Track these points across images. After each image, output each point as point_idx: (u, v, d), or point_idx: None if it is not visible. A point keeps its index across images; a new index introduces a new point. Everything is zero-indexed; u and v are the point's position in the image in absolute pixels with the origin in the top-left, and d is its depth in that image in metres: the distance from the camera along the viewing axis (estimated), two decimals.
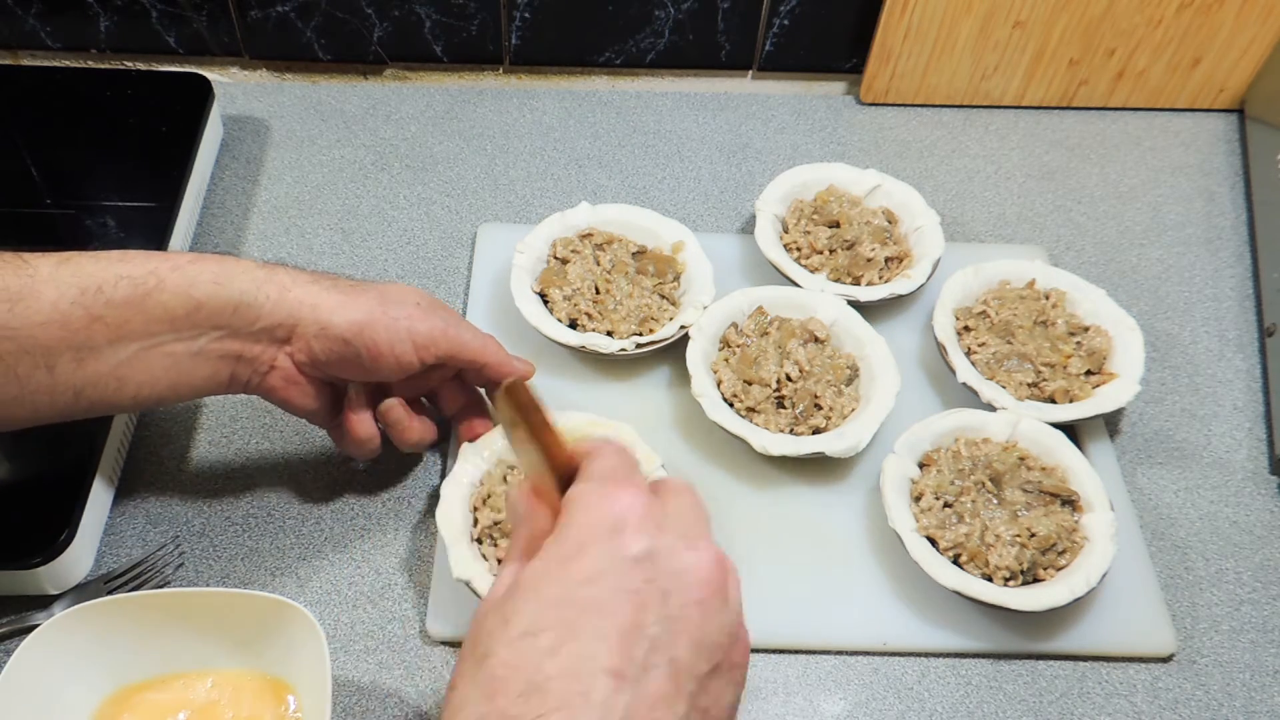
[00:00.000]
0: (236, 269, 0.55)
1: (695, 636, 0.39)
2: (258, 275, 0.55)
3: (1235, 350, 0.79)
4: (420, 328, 0.58)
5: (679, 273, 0.76)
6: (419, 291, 0.61)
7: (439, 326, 0.59)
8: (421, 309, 0.59)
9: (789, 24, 0.90)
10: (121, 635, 0.56)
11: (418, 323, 0.58)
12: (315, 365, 0.58)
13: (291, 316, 0.56)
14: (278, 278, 0.56)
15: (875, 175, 0.81)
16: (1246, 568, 0.68)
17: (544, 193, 0.86)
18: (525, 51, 0.92)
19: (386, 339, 0.57)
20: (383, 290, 0.59)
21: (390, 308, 0.57)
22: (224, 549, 0.66)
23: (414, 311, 0.58)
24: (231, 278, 0.55)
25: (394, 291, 0.59)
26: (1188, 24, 0.87)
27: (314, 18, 0.88)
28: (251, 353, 0.57)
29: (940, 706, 0.62)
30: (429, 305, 0.60)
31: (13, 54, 0.91)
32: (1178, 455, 0.73)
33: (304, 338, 0.57)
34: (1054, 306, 0.74)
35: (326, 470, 0.69)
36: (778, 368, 0.70)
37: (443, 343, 0.59)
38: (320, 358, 0.58)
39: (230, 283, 0.54)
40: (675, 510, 0.42)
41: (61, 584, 0.62)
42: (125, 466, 0.68)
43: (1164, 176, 0.90)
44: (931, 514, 0.65)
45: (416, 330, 0.58)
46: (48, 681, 0.54)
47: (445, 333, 0.59)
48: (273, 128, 0.89)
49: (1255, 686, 0.63)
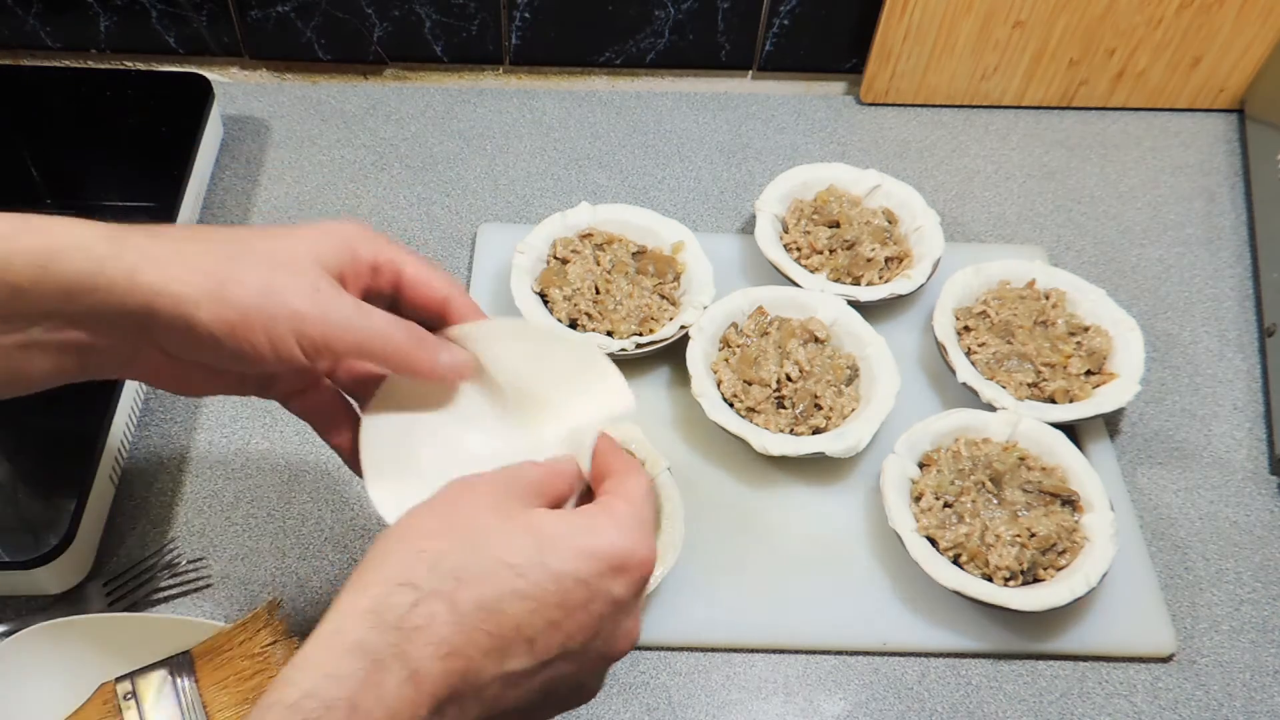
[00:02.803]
0: (71, 242, 0.41)
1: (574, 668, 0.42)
2: (99, 252, 0.41)
3: (1235, 350, 0.79)
4: (311, 330, 0.43)
5: (679, 273, 0.76)
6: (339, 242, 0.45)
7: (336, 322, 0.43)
8: (322, 293, 0.43)
9: (789, 24, 0.90)
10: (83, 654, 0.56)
11: (309, 322, 0.43)
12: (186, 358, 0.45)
13: (144, 307, 0.41)
14: (127, 254, 0.41)
15: (875, 175, 0.81)
16: (1246, 568, 0.68)
17: (544, 193, 0.86)
18: (525, 51, 0.92)
19: (267, 341, 0.42)
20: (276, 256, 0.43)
21: (274, 297, 0.42)
22: (224, 549, 0.66)
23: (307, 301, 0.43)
24: (62, 255, 0.40)
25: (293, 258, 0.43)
26: (1188, 24, 0.87)
27: (314, 18, 0.88)
28: (101, 344, 0.43)
29: (940, 706, 0.62)
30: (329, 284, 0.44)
31: (13, 54, 0.91)
32: (1178, 455, 0.73)
33: (164, 330, 0.42)
34: (1054, 306, 0.74)
35: (326, 470, 0.69)
36: (778, 368, 0.70)
37: (340, 344, 0.44)
38: (186, 355, 0.44)
39: (60, 262, 0.40)
40: None
41: (61, 584, 0.62)
42: (125, 466, 0.68)
43: (1164, 176, 0.90)
44: (931, 514, 0.65)
45: (306, 333, 0.43)
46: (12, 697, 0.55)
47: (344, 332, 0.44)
48: (273, 128, 0.89)
49: (1255, 686, 0.63)
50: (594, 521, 0.42)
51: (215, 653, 0.56)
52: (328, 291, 0.43)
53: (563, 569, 0.40)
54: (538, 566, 0.39)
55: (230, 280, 0.42)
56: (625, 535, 0.41)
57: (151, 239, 0.42)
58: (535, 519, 0.41)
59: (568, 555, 0.40)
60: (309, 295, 0.43)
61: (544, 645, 0.40)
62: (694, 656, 0.63)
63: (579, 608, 0.40)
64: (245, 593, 0.64)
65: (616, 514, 0.42)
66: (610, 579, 0.41)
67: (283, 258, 0.43)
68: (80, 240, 0.41)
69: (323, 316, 0.43)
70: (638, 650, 0.63)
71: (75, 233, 0.41)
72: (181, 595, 0.64)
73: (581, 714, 0.60)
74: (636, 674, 0.62)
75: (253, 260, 0.42)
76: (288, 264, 0.43)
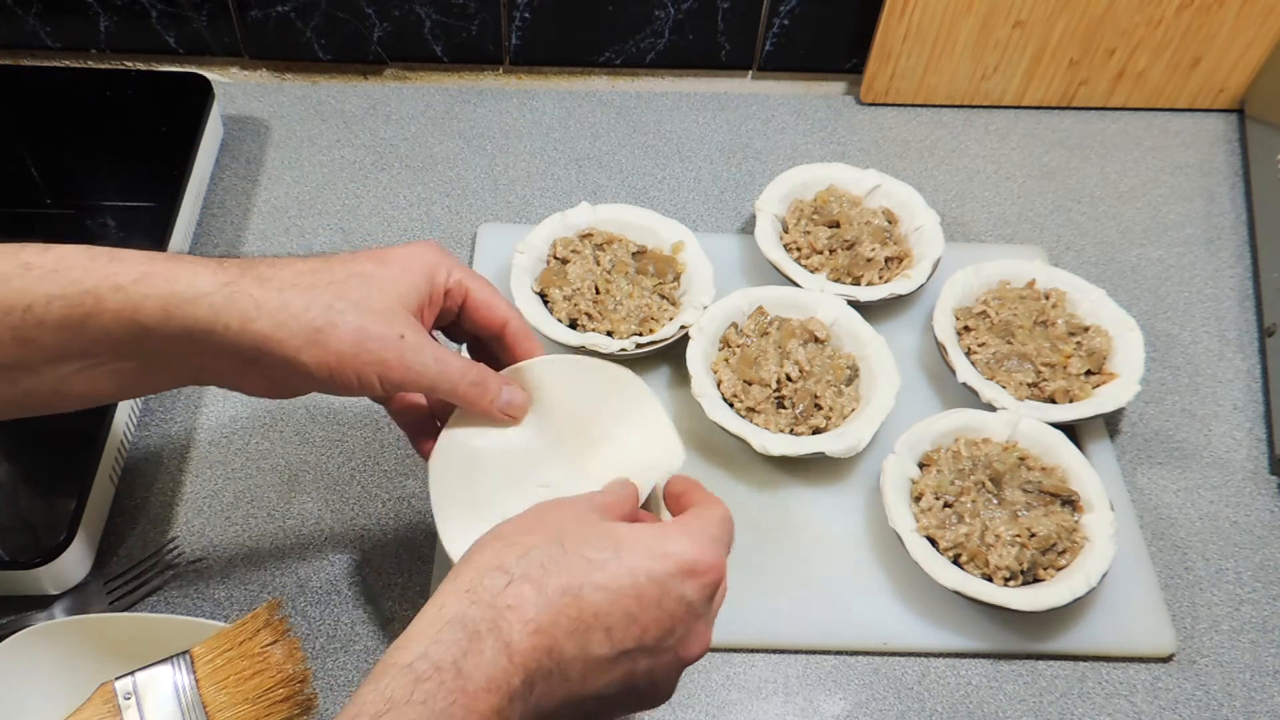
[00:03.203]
0: (193, 293, 0.47)
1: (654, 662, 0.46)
2: (215, 301, 0.47)
3: (1235, 350, 0.79)
4: (393, 375, 0.50)
5: (679, 273, 0.76)
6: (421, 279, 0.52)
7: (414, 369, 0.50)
8: (405, 342, 0.50)
9: (789, 24, 0.90)
10: (83, 654, 0.56)
11: (392, 369, 0.50)
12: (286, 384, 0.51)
13: (254, 349, 0.48)
14: (239, 302, 0.47)
15: (875, 175, 0.81)
16: (1246, 568, 0.68)
17: (544, 193, 0.86)
18: (525, 51, 0.92)
19: (357, 381, 0.50)
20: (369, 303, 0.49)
21: (365, 347, 0.49)
22: (224, 549, 0.66)
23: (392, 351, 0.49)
24: (185, 305, 0.46)
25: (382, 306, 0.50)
26: (1188, 24, 0.87)
27: (314, 18, 0.88)
28: (214, 367, 0.50)
29: (940, 706, 0.62)
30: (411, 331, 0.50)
31: (13, 54, 0.91)
32: (1178, 455, 0.73)
33: (270, 366, 0.49)
34: (1054, 306, 0.74)
35: (326, 470, 0.69)
36: (778, 368, 0.70)
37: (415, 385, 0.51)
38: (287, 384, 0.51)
39: (183, 310, 0.46)
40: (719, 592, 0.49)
41: (61, 584, 0.62)
42: (125, 466, 0.68)
43: (1164, 176, 0.90)
44: (931, 514, 0.65)
45: (389, 376, 0.50)
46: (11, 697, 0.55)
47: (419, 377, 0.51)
48: (273, 128, 0.89)
49: (1255, 686, 0.63)
50: (666, 529, 0.47)
51: (215, 653, 0.55)
52: (410, 340, 0.50)
53: (637, 565, 0.44)
54: (614, 561, 0.44)
55: (329, 330, 0.48)
56: (695, 543, 0.46)
57: (261, 286, 0.48)
58: (613, 526, 0.47)
59: (642, 554, 0.45)
60: (394, 346, 0.49)
61: (620, 635, 0.44)
62: None
63: (653, 604, 0.44)
64: (245, 593, 0.64)
65: (689, 527, 0.47)
66: (681, 580, 0.45)
67: (373, 305, 0.49)
68: (201, 289, 0.47)
69: (403, 364, 0.50)
70: None
71: (197, 283, 0.47)
72: (181, 595, 0.64)
73: None
74: None
75: (348, 309, 0.49)
76: (377, 313, 0.49)
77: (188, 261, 0.48)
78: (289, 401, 0.72)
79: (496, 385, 0.54)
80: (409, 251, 0.52)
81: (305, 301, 0.48)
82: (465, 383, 0.52)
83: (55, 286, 0.46)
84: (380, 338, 0.49)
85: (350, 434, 0.71)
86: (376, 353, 0.49)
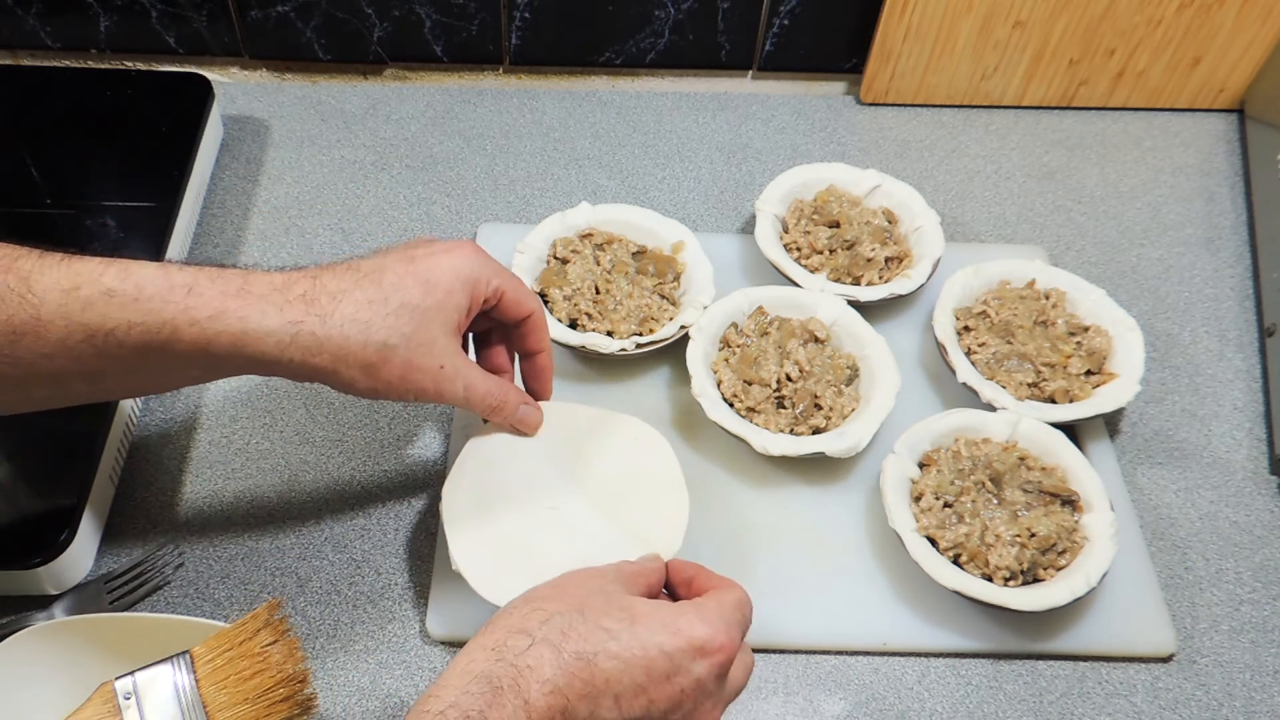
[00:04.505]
0: (261, 331, 0.51)
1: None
2: (282, 340, 0.52)
3: (1235, 350, 0.79)
4: (429, 397, 0.57)
5: (679, 273, 0.76)
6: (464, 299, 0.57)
7: (448, 393, 0.57)
8: (445, 372, 0.56)
9: (789, 24, 0.90)
10: (83, 654, 0.56)
11: (430, 394, 0.56)
12: None
13: (315, 376, 0.54)
14: (302, 341, 0.52)
15: (875, 175, 0.81)
16: (1246, 568, 0.68)
17: (544, 193, 0.86)
18: (525, 51, 0.92)
19: (398, 399, 0.57)
20: (417, 337, 0.55)
21: (410, 378, 0.55)
22: (224, 549, 0.66)
23: (431, 382, 0.56)
24: (253, 342, 0.51)
25: (428, 337, 0.55)
26: (1188, 24, 0.87)
27: (314, 18, 0.88)
28: (279, 374, 0.55)
29: (940, 706, 0.62)
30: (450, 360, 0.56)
31: (13, 54, 0.91)
32: (1178, 455, 0.73)
33: (321, 382, 0.56)
34: (1054, 306, 0.74)
35: (327, 470, 0.69)
36: (778, 368, 0.70)
37: (447, 402, 0.58)
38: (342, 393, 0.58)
39: (252, 347, 0.52)
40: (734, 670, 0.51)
41: (61, 584, 0.62)
42: (125, 467, 0.68)
43: (1164, 176, 0.90)
44: (931, 514, 0.65)
45: (424, 398, 0.57)
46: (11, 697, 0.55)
47: (452, 397, 0.57)
48: (273, 128, 0.89)
49: (1255, 686, 0.63)
50: (684, 608, 0.50)
51: (215, 653, 0.55)
52: (447, 371, 0.56)
53: (649, 639, 0.47)
54: (629, 634, 0.48)
55: (381, 364, 0.54)
56: (708, 623, 0.49)
57: (324, 325, 0.53)
58: (632, 601, 0.50)
59: (656, 628, 0.48)
60: (433, 376, 0.56)
61: (628, 704, 0.47)
62: None
63: (663, 679, 0.47)
64: (245, 593, 0.64)
65: (704, 608, 0.50)
66: (691, 658, 0.48)
67: (421, 339, 0.55)
68: (269, 329, 0.51)
69: (438, 391, 0.56)
70: None
71: (266, 323, 0.51)
72: (181, 595, 0.64)
73: None
74: None
75: (400, 344, 0.54)
76: (424, 346, 0.55)
77: (257, 295, 0.52)
78: (289, 401, 0.72)
79: (515, 403, 0.61)
80: (454, 266, 0.56)
81: (364, 339, 0.53)
82: (487, 405, 0.60)
83: (135, 315, 0.50)
84: (423, 370, 0.55)
85: (350, 434, 0.71)
86: (417, 382, 0.55)
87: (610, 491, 0.61)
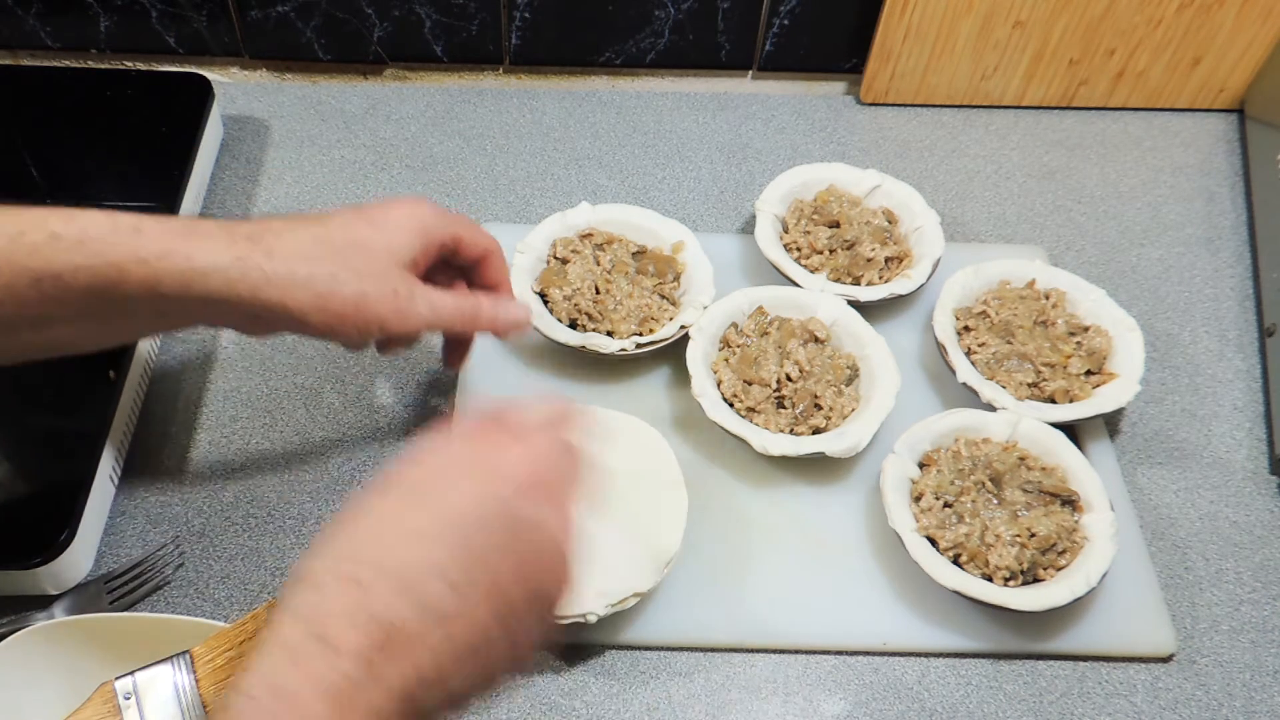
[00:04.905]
0: (209, 266, 0.51)
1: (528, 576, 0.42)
2: (230, 275, 0.52)
3: (1235, 350, 0.79)
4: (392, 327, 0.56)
5: (679, 273, 0.76)
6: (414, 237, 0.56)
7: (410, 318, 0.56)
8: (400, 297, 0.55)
9: (789, 24, 0.90)
10: (82, 654, 0.56)
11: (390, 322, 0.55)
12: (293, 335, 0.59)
13: (265, 312, 0.53)
14: (250, 276, 0.52)
15: (875, 175, 0.81)
16: (1246, 568, 0.68)
17: (544, 193, 0.86)
18: (525, 51, 0.92)
19: (358, 334, 0.56)
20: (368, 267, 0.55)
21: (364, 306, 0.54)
22: (224, 549, 0.66)
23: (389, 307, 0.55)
24: (201, 277, 0.51)
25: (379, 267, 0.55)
26: (1188, 24, 0.87)
27: (314, 18, 0.88)
28: (221, 321, 0.56)
29: (940, 706, 0.62)
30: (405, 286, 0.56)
31: (13, 54, 0.91)
32: (1178, 455, 0.73)
33: (279, 324, 0.55)
34: (1054, 306, 0.74)
35: (326, 470, 0.69)
36: (778, 368, 0.70)
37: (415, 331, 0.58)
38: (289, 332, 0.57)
39: (199, 283, 0.51)
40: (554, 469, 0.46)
41: (61, 584, 0.62)
42: (125, 466, 0.68)
43: (1164, 176, 0.90)
44: (931, 514, 0.65)
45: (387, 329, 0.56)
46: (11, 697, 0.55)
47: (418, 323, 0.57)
48: (273, 128, 0.89)
49: (1255, 686, 0.63)
50: None
51: (215, 653, 0.55)
52: (403, 293, 0.55)
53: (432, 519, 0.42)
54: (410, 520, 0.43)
55: (330, 296, 0.53)
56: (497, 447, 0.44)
57: (270, 259, 0.52)
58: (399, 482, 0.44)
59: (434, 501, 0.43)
60: (390, 301, 0.55)
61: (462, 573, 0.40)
62: (694, 656, 0.63)
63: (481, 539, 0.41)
64: (245, 593, 0.64)
65: None
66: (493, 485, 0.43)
67: (372, 269, 0.55)
68: (216, 264, 0.51)
69: (400, 315, 0.55)
70: (638, 650, 0.63)
71: (213, 258, 0.51)
72: (181, 595, 0.64)
73: (581, 712, 0.60)
74: (636, 674, 0.62)
75: (349, 277, 0.54)
76: (375, 275, 0.55)
77: (203, 234, 0.52)
78: (289, 401, 0.72)
79: (490, 307, 0.60)
80: (402, 212, 0.57)
81: (310, 271, 0.53)
82: (462, 315, 0.59)
83: (81, 258, 0.49)
84: (378, 297, 0.54)
85: (350, 434, 0.71)
86: (375, 309, 0.55)
87: (610, 491, 0.61)
